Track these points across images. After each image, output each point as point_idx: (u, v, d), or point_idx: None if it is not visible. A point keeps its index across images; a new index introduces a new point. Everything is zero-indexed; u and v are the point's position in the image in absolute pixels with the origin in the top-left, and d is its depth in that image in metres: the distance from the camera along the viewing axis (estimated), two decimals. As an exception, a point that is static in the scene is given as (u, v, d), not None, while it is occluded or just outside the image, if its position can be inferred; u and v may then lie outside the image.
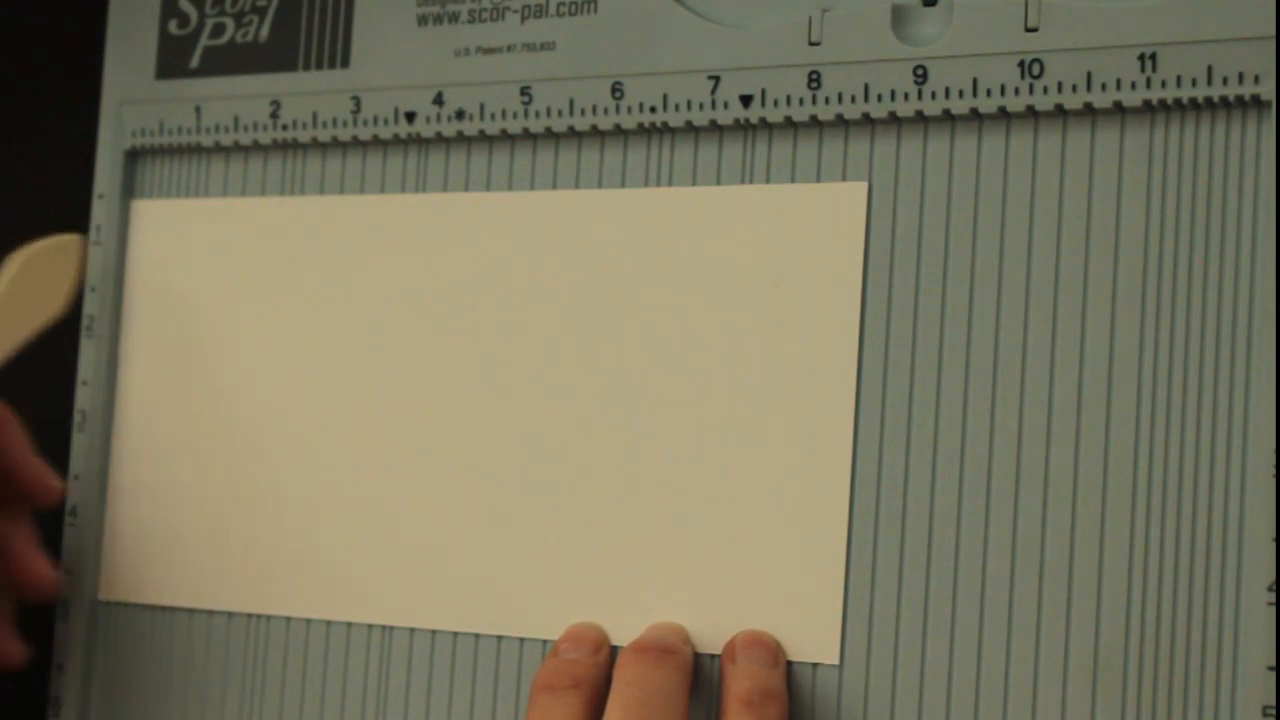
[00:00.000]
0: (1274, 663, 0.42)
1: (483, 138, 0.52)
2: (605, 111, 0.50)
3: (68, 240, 0.54)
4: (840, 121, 0.47)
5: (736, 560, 0.47)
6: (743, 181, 0.48)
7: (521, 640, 0.49)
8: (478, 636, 0.50)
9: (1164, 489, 0.43)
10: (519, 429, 0.50)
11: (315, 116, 0.54)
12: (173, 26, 0.56)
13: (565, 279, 0.50)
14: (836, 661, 0.46)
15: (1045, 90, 0.45)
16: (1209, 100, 0.43)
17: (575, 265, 0.50)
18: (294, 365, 0.53)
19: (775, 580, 0.46)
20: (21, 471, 0.51)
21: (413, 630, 0.51)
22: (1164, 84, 0.44)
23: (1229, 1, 0.43)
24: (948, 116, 0.46)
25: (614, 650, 0.48)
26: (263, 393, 0.54)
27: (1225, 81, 0.43)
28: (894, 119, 0.47)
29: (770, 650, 0.46)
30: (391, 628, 0.51)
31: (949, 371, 0.45)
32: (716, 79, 0.48)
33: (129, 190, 0.57)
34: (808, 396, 0.47)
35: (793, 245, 0.47)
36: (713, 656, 0.47)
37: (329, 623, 0.52)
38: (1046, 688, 0.44)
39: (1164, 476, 0.43)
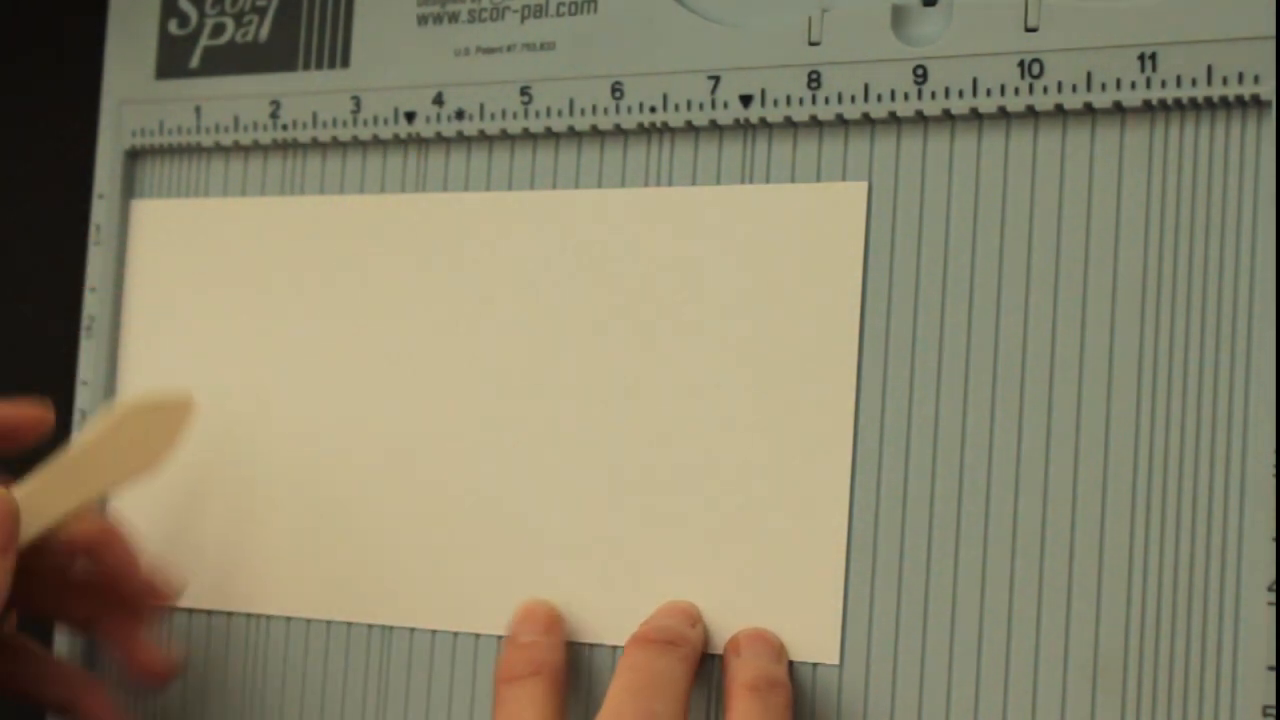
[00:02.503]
0: (1274, 663, 0.42)
1: (483, 138, 0.52)
2: (605, 111, 0.50)
3: (181, 400, 0.52)
4: (840, 121, 0.47)
5: (736, 560, 0.47)
6: (743, 181, 0.48)
7: (521, 640, 0.49)
8: (478, 636, 0.50)
9: (1164, 489, 0.43)
10: (519, 430, 0.50)
11: (315, 116, 0.54)
12: (173, 26, 0.56)
13: (565, 279, 0.50)
14: (836, 661, 0.46)
15: (1045, 90, 0.45)
16: (1209, 100, 0.43)
17: (575, 265, 0.50)
18: (293, 365, 0.53)
19: (775, 580, 0.46)
20: (132, 582, 0.52)
21: (413, 630, 0.51)
22: (1164, 84, 0.44)
23: (1229, 1, 0.43)
24: (948, 116, 0.46)
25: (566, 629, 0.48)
26: (262, 392, 0.54)
27: (1225, 81, 0.43)
28: (894, 119, 0.47)
29: (774, 647, 0.46)
30: (391, 628, 0.51)
31: (949, 371, 0.45)
32: (716, 79, 0.48)
33: (129, 190, 0.57)
34: (808, 396, 0.47)
35: (793, 245, 0.47)
36: (713, 656, 0.47)
37: (329, 623, 0.52)
38: (1046, 688, 0.44)
39: (1164, 477, 0.43)
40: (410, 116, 0.52)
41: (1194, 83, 0.43)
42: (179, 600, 0.53)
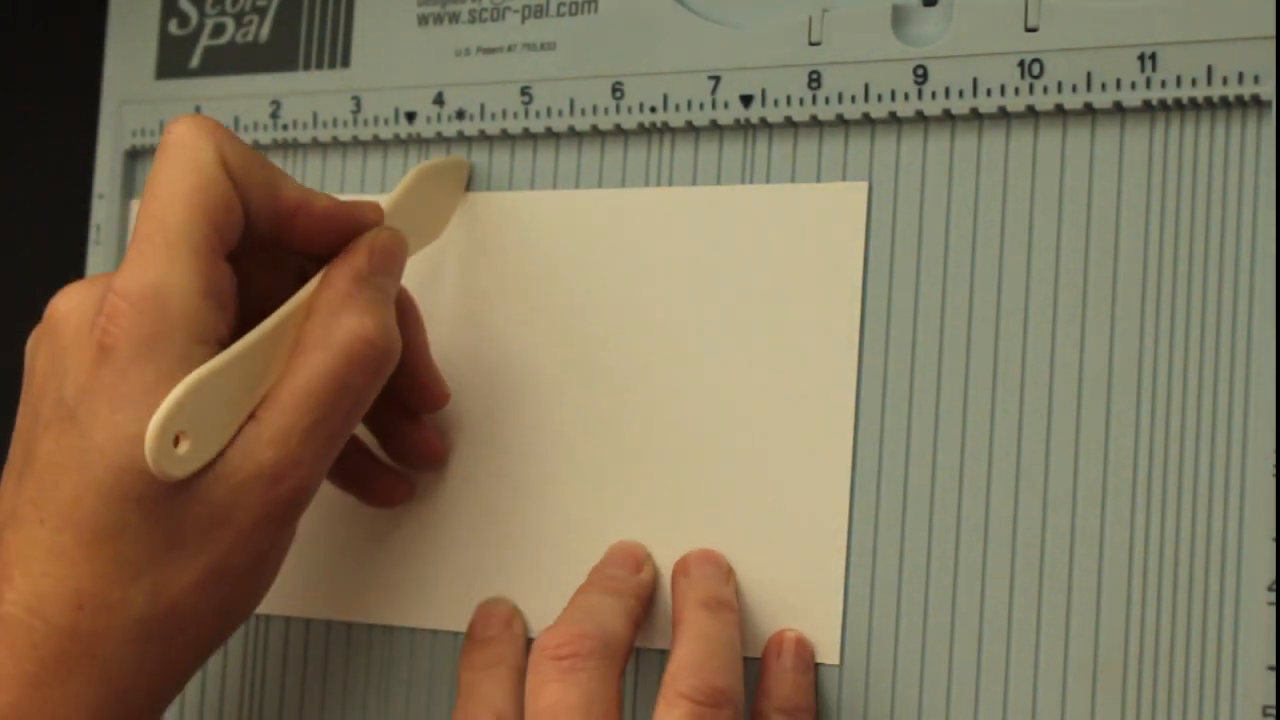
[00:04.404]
0: (1274, 663, 0.42)
1: (483, 138, 0.52)
2: (605, 111, 0.50)
3: (459, 160, 0.51)
4: (840, 121, 0.47)
5: (737, 560, 0.47)
6: (743, 181, 0.48)
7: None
8: (478, 636, 0.50)
9: (1164, 489, 0.43)
10: (513, 431, 0.50)
11: (315, 116, 0.54)
12: (173, 26, 0.56)
13: (565, 279, 0.50)
14: (836, 661, 0.46)
15: (1045, 90, 0.45)
16: (1209, 100, 0.43)
17: (575, 265, 0.50)
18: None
19: (775, 580, 0.46)
20: (423, 373, 0.49)
21: (413, 630, 0.51)
22: (1164, 84, 0.44)
23: (1229, 1, 0.43)
24: (948, 116, 0.46)
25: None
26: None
27: (1225, 81, 0.43)
28: (894, 119, 0.47)
29: (723, 568, 0.46)
30: (391, 628, 0.51)
31: (949, 371, 0.45)
32: (717, 79, 0.48)
33: (129, 190, 0.57)
34: (808, 397, 0.47)
35: (793, 245, 0.47)
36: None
37: (329, 623, 0.52)
38: (1046, 687, 0.44)
39: (1164, 477, 0.43)
40: (411, 116, 0.52)
41: (1194, 83, 0.43)
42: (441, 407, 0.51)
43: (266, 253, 0.46)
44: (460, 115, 0.52)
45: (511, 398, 0.50)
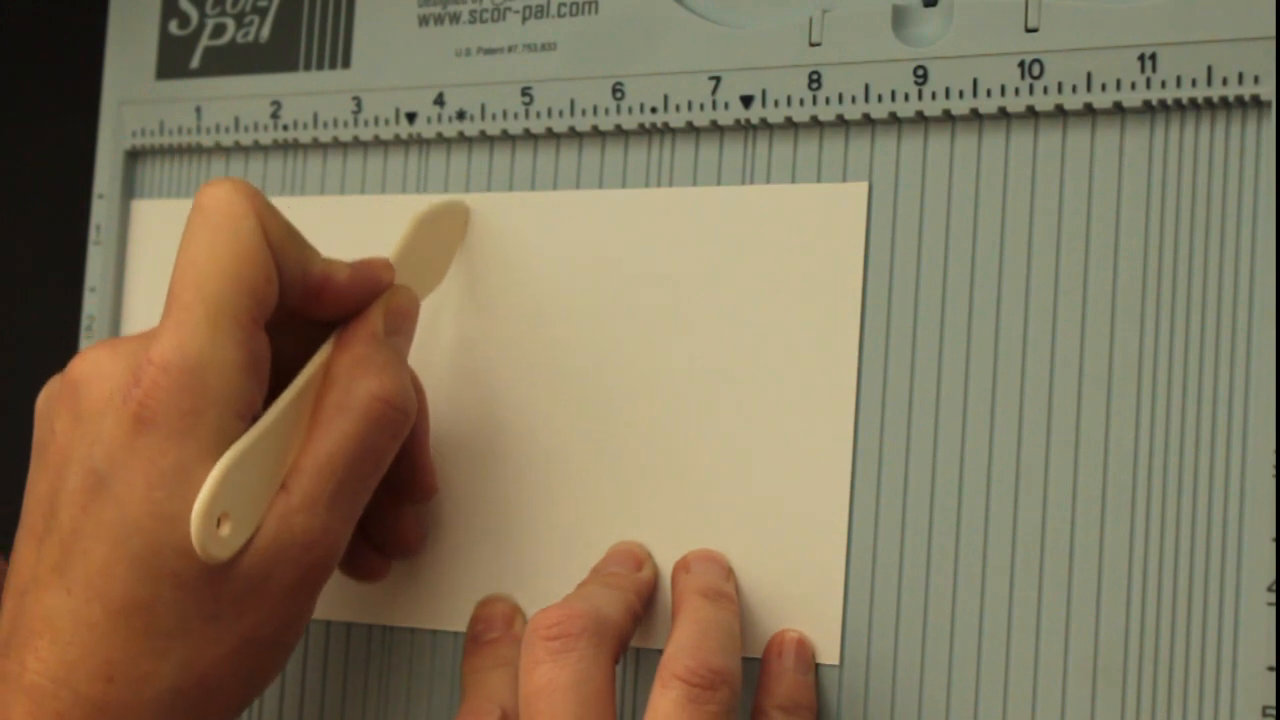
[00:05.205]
0: (1274, 663, 0.42)
1: (483, 138, 0.52)
2: (606, 112, 0.50)
3: (459, 204, 0.51)
4: (840, 122, 0.47)
5: (737, 560, 0.47)
6: (743, 182, 0.48)
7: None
8: (478, 636, 0.50)
9: (1164, 489, 0.43)
10: (513, 431, 0.50)
11: (316, 117, 0.54)
12: (173, 26, 0.56)
13: (565, 279, 0.50)
14: (836, 661, 0.46)
15: (1045, 90, 0.45)
16: (1209, 100, 0.43)
17: (575, 265, 0.50)
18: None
19: (775, 581, 0.46)
20: (420, 468, 0.49)
21: (413, 630, 0.51)
22: (1164, 84, 0.44)
23: (1229, 1, 0.43)
24: (948, 116, 0.46)
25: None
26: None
27: (1225, 81, 0.43)
28: (894, 119, 0.47)
29: (723, 566, 0.47)
30: (391, 628, 0.51)
31: (949, 371, 0.45)
32: (717, 79, 0.48)
33: (129, 190, 0.57)
34: (808, 397, 0.47)
35: (793, 245, 0.47)
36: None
37: (329, 623, 0.52)
38: (1046, 687, 0.44)
39: (1164, 477, 0.43)
40: (411, 117, 0.52)
41: (1194, 83, 0.43)
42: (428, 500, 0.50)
43: (284, 320, 0.46)
44: (460, 116, 0.52)
45: (511, 398, 0.50)
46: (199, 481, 0.42)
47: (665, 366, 0.48)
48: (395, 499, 0.49)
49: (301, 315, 0.46)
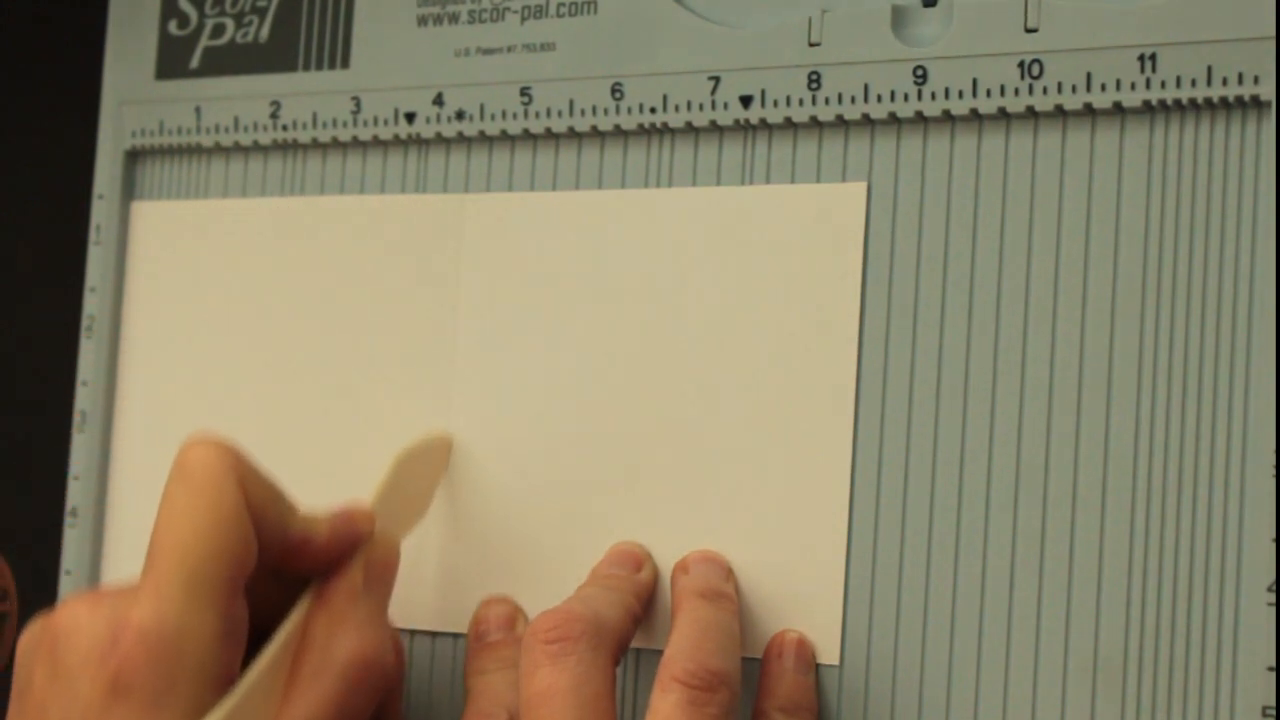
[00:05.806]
0: (1274, 663, 0.42)
1: (483, 138, 0.52)
2: (605, 112, 0.50)
3: (441, 438, 0.51)
4: (840, 122, 0.47)
5: (737, 561, 0.47)
6: (743, 182, 0.48)
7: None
8: (478, 637, 0.50)
9: (1164, 489, 0.43)
10: (513, 431, 0.50)
11: (315, 117, 0.54)
12: (173, 27, 0.56)
13: (564, 280, 0.50)
14: (836, 661, 0.46)
15: (1045, 90, 0.45)
16: (1209, 100, 0.43)
17: (574, 266, 0.50)
18: (292, 365, 0.53)
19: (775, 581, 0.46)
20: (391, 715, 0.49)
21: (413, 631, 0.51)
22: (1164, 84, 0.44)
23: (1229, 1, 0.43)
24: (948, 117, 0.46)
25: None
26: (261, 393, 0.54)
27: (1225, 82, 0.43)
28: (894, 119, 0.47)
29: (723, 567, 0.47)
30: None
31: (949, 371, 0.45)
32: (716, 79, 0.48)
33: (129, 190, 0.57)
34: (807, 397, 0.47)
35: (793, 245, 0.47)
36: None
37: (329, 623, 0.52)
38: (1046, 687, 0.44)
39: (1164, 477, 0.43)
40: (410, 117, 0.52)
41: (1194, 83, 0.43)
42: None
43: (263, 574, 0.46)
44: (460, 116, 0.52)
45: (511, 398, 0.50)
46: None
47: (664, 367, 0.48)
48: None
49: (278, 574, 0.46)
